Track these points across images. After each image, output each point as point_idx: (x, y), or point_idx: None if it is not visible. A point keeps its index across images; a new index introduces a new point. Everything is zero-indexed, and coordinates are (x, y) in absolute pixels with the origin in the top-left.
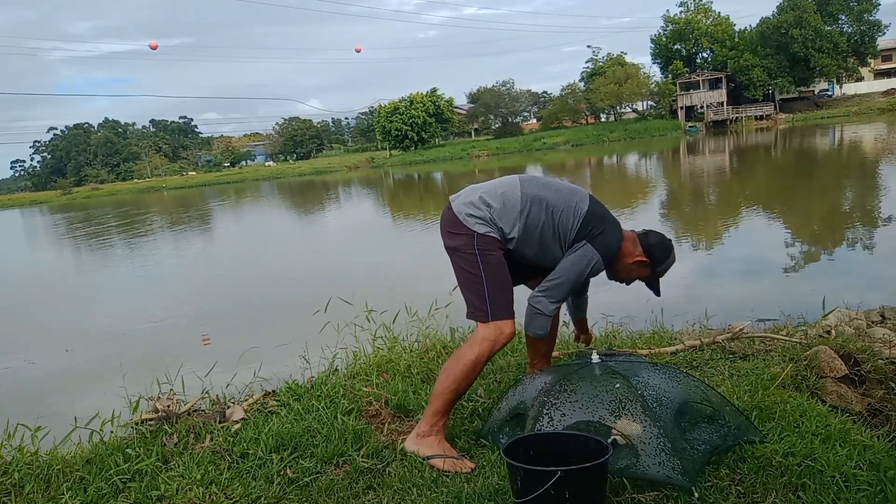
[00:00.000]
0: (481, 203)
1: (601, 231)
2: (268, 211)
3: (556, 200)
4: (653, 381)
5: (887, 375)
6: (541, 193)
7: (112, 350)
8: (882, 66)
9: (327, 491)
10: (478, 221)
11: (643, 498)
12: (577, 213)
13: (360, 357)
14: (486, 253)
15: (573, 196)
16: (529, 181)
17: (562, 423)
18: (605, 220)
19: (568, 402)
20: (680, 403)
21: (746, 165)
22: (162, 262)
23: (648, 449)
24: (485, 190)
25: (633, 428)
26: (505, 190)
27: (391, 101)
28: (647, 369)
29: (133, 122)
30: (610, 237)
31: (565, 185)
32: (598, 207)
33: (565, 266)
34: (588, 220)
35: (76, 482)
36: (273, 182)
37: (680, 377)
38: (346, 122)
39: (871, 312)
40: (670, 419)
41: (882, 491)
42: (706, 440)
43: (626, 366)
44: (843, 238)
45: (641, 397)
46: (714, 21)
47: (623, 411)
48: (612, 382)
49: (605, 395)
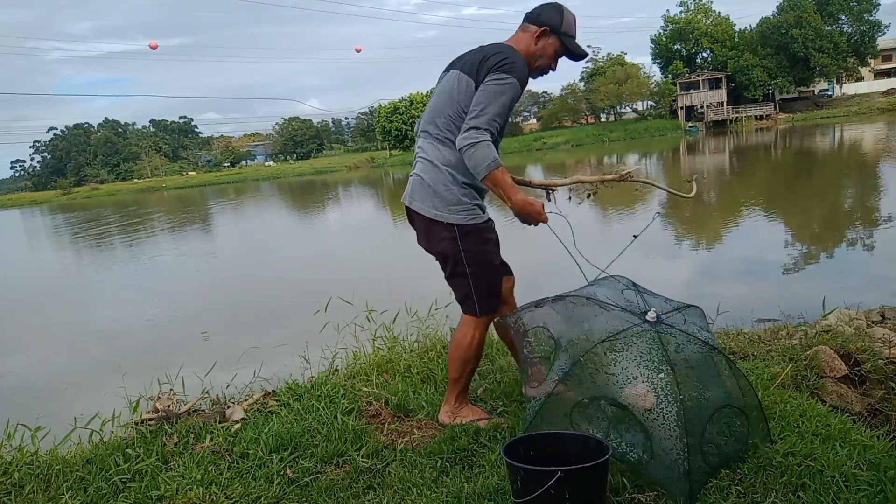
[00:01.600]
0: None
1: (498, 60)
2: (268, 211)
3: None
4: (699, 378)
5: (887, 375)
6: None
7: (112, 350)
8: (882, 66)
9: (327, 491)
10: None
11: (643, 498)
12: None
13: (360, 357)
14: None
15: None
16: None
17: (590, 391)
18: (491, 53)
19: (605, 372)
20: (715, 410)
21: (746, 165)
22: (162, 263)
23: (665, 460)
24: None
25: (658, 431)
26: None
27: (391, 101)
28: (700, 357)
29: (133, 122)
30: (512, 55)
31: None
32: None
33: (485, 97)
34: (476, 71)
35: (76, 482)
36: (273, 182)
37: (725, 373)
38: (345, 122)
39: (871, 312)
40: (699, 435)
41: (882, 491)
42: (720, 453)
43: (679, 344)
44: (843, 238)
45: (681, 402)
46: (714, 21)
47: (658, 410)
48: (658, 371)
49: (645, 383)
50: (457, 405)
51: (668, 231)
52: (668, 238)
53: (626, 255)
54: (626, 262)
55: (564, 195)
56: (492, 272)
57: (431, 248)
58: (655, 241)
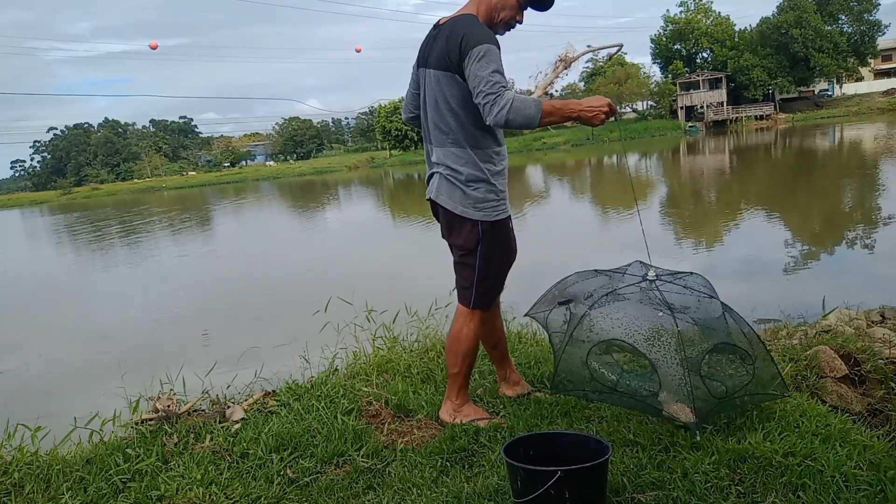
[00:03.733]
0: None
1: (463, 35)
2: (268, 211)
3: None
4: (697, 318)
5: (887, 375)
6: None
7: (112, 350)
8: (882, 66)
9: (327, 491)
10: None
11: (643, 498)
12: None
13: (360, 357)
14: None
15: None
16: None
17: (599, 335)
18: (457, 30)
19: (611, 317)
20: (715, 344)
21: (746, 165)
22: (162, 262)
23: (670, 386)
24: None
25: (661, 362)
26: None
27: (391, 101)
28: (699, 303)
29: (133, 122)
30: (473, 26)
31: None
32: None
33: (478, 72)
34: (450, 56)
35: (76, 482)
36: (273, 182)
37: (728, 318)
38: (345, 122)
39: (871, 312)
40: (699, 359)
41: (882, 491)
42: (728, 383)
43: (678, 295)
44: (843, 238)
45: (679, 334)
46: (714, 21)
47: (658, 342)
48: (657, 311)
49: (646, 322)
50: (458, 402)
51: (669, 231)
52: (669, 238)
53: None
54: (627, 262)
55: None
56: (500, 270)
57: (452, 240)
58: (656, 241)
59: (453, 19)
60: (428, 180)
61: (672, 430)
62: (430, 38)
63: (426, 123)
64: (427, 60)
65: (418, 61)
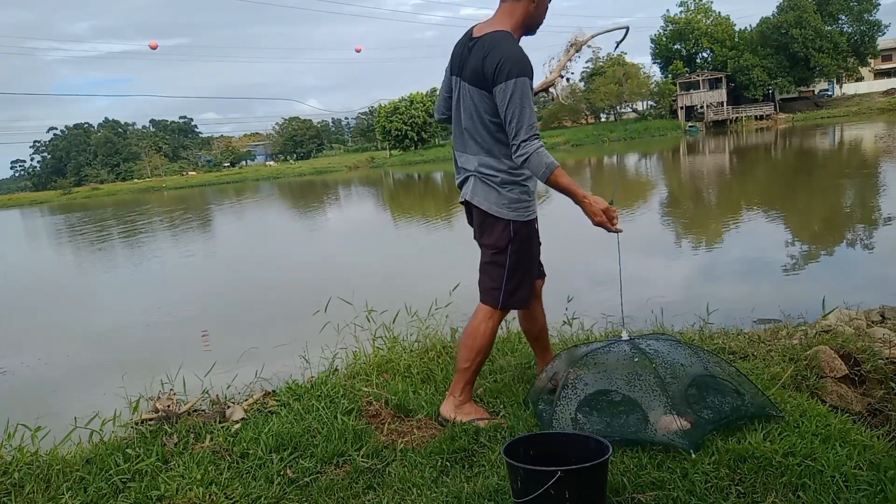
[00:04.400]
0: None
1: (501, 61)
2: (268, 211)
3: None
4: (671, 358)
5: (887, 375)
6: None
7: (112, 350)
8: (882, 66)
9: (327, 491)
10: None
11: (643, 498)
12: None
13: (360, 357)
14: None
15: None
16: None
17: (584, 391)
18: (493, 53)
19: (591, 375)
20: (693, 377)
21: (746, 165)
22: (162, 262)
23: (655, 415)
24: None
25: (644, 397)
26: None
27: (391, 101)
28: (672, 348)
29: (133, 122)
30: (510, 54)
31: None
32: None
33: (511, 110)
34: (485, 74)
35: (76, 482)
36: (273, 182)
37: (703, 356)
38: (345, 122)
39: (871, 312)
40: (681, 391)
41: (882, 491)
42: (716, 409)
43: (652, 343)
44: (843, 238)
45: (655, 371)
46: (714, 21)
47: (637, 381)
48: (632, 356)
49: (624, 368)
50: (461, 398)
51: (669, 231)
52: (669, 238)
53: (626, 257)
54: (627, 263)
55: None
56: (528, 269)
57: (484, 239)
58: (656, 241)
59: (490, 36)
60: (460, 184)
61: None
62: (464, 47)
63: (459, 130)
64: (462, 72)
65: (452, 68)
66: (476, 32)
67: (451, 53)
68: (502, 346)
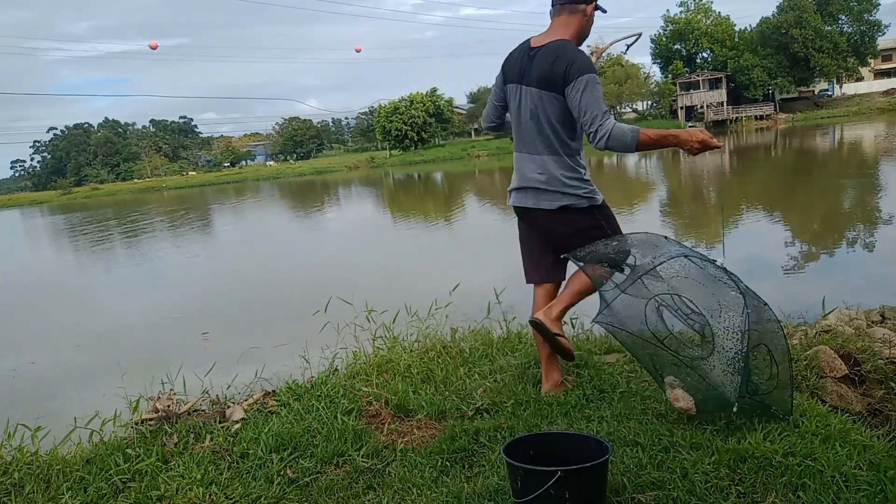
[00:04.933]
0: None
1: (571, 62)
2: (268, 211)
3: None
4: (754, 307)
5: (887, 375)
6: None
7: (112, 350)
8: (882, 66)
9: (327, 491)
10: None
11: (643, 498)
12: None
13: (360, 357)
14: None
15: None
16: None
17: (668, 288)
18: (561, 59)
19: (687, 281)
20: (758, 344)
21: (746, 165)
22: (162, 263)
23: (723, 357)
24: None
25: (723, 336)
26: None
27: (391, 101)
28: (754, 298)
29: (133, 122)
30: (578, 55)
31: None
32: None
33: (585, 101)
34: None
35: (76, 482)
36: (273, 182)
37: (777, 327)
38: (345, 122)
39: (871, 312)
40: (749, 346)
41: (882, 491)
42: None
43: (743, 286)
44: (843, 238)
45: (746, 316)
46: (714, 21)
47: (723, 315)
48: (729, 290)
49: (717, 296)
50: (557, 316)
51: (668, 231)
52: None
53: None
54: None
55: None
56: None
57: (567, 231)
58: None
59: (554, 44)
60: (517, 189)
61: (672, 430)
62: (524, 57)
63: (521, 134)
64: (523, 78)
65: (508, 77)
66: (534, 43)
67: (505, 64)
68: (502, 346)
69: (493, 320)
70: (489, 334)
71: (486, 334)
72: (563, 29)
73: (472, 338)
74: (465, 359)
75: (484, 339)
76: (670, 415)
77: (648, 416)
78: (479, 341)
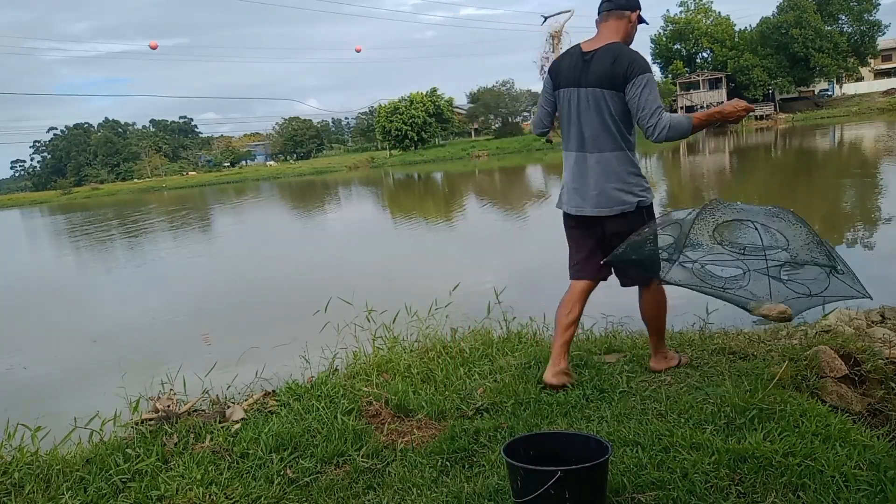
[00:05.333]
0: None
1: (630, 62)
2: (268, 211)
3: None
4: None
5: (887, 375)
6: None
7: (112, 350)
8: (882, 66)
9: (327, 491)
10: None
11: (643, 498)
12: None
13: (360, 357)
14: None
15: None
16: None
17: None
18: (621, 59)
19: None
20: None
21: (746, 165)
22: (162, 263)
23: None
24: None
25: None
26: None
27: (391, 101)
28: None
29: (133, 122)
30: (636, 55)
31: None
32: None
33: (644, 98)
34: (622, 77)
35: (76, 482)
36: (273, 182)
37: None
38: (345, 122)
39: (871, 312)
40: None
41: (882, 491)
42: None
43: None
44: (843, 238)
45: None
46: (714, 21)
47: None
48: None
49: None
50: (663, 350)
51: None
52: None
53: None
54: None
55: None
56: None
57: (629, 228)
58: None
59: (610, 46)
60: (573, 192)
61: (672, 430)
62: (578, 62)
63: (579, 134)
64: (581, 81)
65: (561, 83)
66: (586, 48)
67: (556, 71)
68: (502, 346)
69: (493, 320)
70: (489, 334)
71: (486, 334)
72: (612, 33)
73: (472, 338)
74: (465, 359)
75: (484, 339)
76: (670, 415)
77: (648, 416)
78: (479, 341)
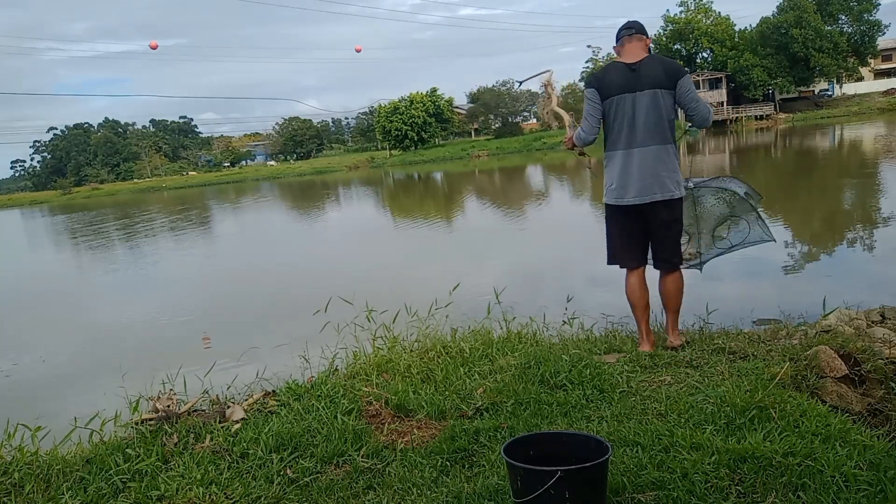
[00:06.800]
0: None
1: (676, 70)
2: (268, 211)
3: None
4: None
5: (887, 375)
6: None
7: (112, 350)
8: (882, 66)
9: (327, 491)
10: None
11: (643, 498)
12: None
13: (360, 357)
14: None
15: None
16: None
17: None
18: (663, 67)
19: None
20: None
21: (746, 165)
22: (162, 263)
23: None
24: None
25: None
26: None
27: (391, 101)
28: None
29: (133, 122)
30: (675, 61)
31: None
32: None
33: (693, 93)
34: (667, 78)
35: (76, 482)
36: (273, 182)
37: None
38: (345, 122)
39: (871, 312)
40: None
41: (882, 491)
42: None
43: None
44: (843, 238)
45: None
46: (714, 21)
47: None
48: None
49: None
50: (677, 329)
51: None
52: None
53: None
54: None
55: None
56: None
57: (672, 217)
58: None
59: (653, 56)
60: (634, 184)
61: (672, 430)
62: (627, 72)
63: (632, 132)
64: (636, 87)
65: (612, 91)
66: (630, 61)
67: (602, 85)
68: (502, 346)
69: (493, 320)
70: (489, 334)
71: (486, 334)
72: (640, 50)
73: (472, 338)
74: (465, 359)
75: (484, 339)
76: (670, 415)
77: (648, 416)
78: (479, 341)
